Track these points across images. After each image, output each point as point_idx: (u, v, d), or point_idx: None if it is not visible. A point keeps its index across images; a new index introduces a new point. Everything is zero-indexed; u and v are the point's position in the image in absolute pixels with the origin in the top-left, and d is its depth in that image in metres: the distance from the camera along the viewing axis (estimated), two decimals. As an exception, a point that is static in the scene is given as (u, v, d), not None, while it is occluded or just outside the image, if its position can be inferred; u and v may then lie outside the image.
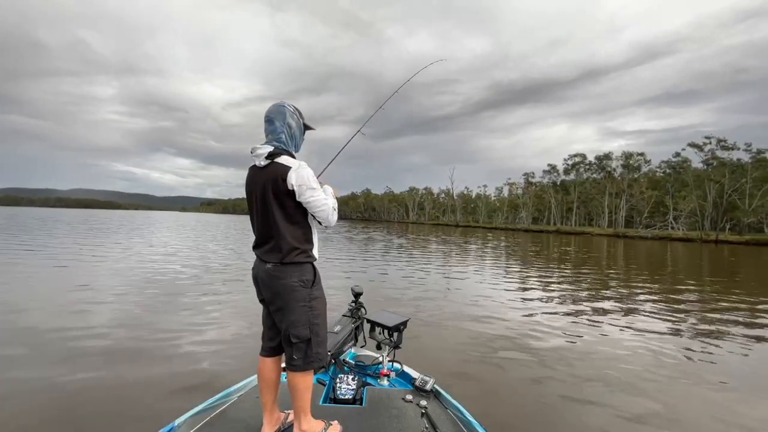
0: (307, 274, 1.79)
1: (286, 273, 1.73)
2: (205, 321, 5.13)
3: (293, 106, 1.87)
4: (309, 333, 1.76)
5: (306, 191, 1.71)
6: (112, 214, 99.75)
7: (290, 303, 1.73)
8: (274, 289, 1.75)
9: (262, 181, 1.75)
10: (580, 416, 2.96)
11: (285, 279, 1.73)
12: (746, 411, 3.15)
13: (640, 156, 64.71)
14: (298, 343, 1.74)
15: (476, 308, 6.40)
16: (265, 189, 1.73)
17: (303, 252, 1.78)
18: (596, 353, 4.40)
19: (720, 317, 6.39)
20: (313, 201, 1.74)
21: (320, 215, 1.79)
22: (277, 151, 1.75)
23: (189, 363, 3.72)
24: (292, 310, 1.74)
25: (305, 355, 1.75)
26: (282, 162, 1.73)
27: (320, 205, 1.76)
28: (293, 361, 1.75)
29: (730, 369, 4.07)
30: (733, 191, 49.53)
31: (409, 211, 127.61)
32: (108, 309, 5.53)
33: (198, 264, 10.70)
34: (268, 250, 1.77)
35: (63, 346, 4.05)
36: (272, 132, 1.82)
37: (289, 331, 1.74)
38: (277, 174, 1.71)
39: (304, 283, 1.76)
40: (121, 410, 2.81)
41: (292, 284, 1.73)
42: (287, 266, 1.74)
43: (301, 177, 1.70)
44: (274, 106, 1.86)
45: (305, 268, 1.78)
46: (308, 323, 1.76)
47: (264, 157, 1.74)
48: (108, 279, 7.90)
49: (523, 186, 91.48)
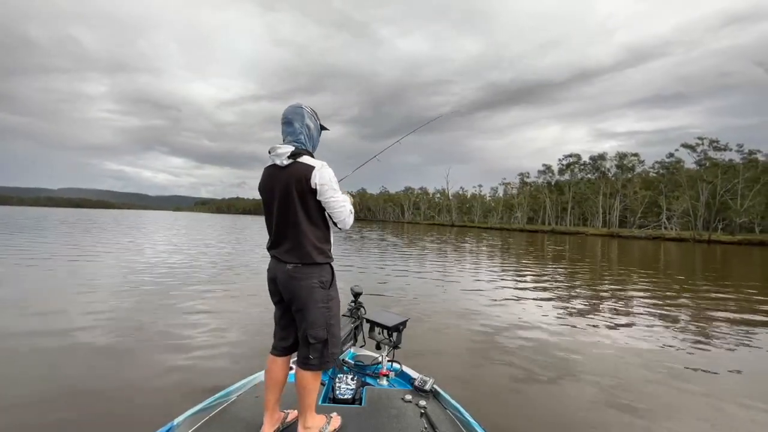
0: (326, 275, 1.80)
1: (307, 274, 1.74)
2: (205, 321, 5.09)
3: (310, 108, 1.88)
4: (326, 334, 1.77)
5: (327, 191, 1.73)
6: (105, 213, 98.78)
7: (309, 304, 1.74)
8: (293, 291, 1.75)
9: (284, 180, 1.74)
10: (581, 416, 2.96)
11: (305, 280, 1.73)
12: (741, 411, 3.19)
13: (634, 156, 65.37)
14: (315, 343, 1.75)
15: (476, 308, 6.41)
16: (288, 188, 1.72)
17: (323, 252, 1.79)
18: (596, 353, 4.42)
19: (724, 315, 6.47)
20: (333, 201, 1.76)
21: (337, 216, 1.81)
22: (299, 151, 1.75)
23: (188, 363, 3.69)
24: (310, 311, 1.74)
25: (321, 355, 1.76)
26: (305, 161, 1.74)
27: (339, 207, 1.78)
28: (309, 361, 1.75)
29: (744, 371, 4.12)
30: (725, 192, 50.09)
31: (405, 211, 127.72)
32: (106, 310, 5.46)
33: (197, 264, 10.63)
34: (287, 250, 1.76)
35: (58, 346, 4.00)
36: (291, 133, 1.82)
37: (307, 331, 1.75)
38: (301, 173, 1.71)
39: (323, 284, 1.77)
40: (119, 411, 2.79)
41: (312, 285, 1.73)
42: (308, 267, 1.74)
43: (324, 176, 1.71)
44: (291, 107, 1.85)
45: (324, 269, 1.80)
46: (325, 324, 1.77)
47: (286, 157, 1.73)
48: (104, 279, 7.83)
49: (518, 186, 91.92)
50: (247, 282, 8.21)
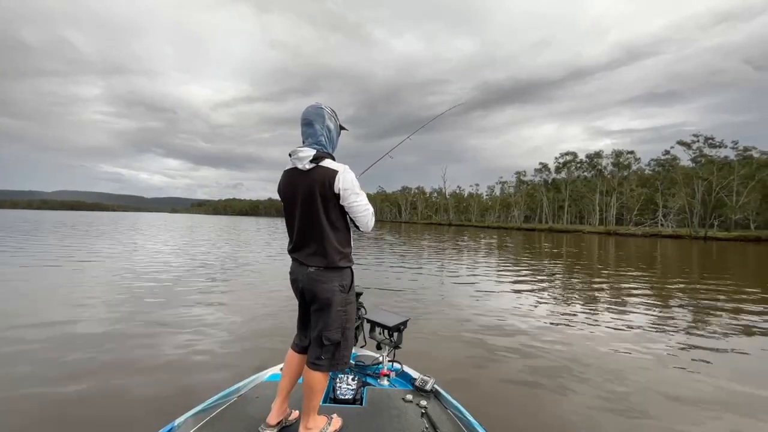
0: (347, 279, 1.82)
1: (329, 278, 1.76)
2: (204, 321, 5.07)
3: (330, 108, 1.87)
4: (340, 337, 1.79)
5: (350, 195, 1.73)
6: (101, 215, 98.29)
7: (329, 307, 1.76)
8: (315, 293, 1.77)
9: (307, 184, 1.73)
10: (581, 416, 2.97)
11: (327, 283, 1.75)
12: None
13: (630, 154, 65.59)
14: (328, 345, 1.77)
15: (476, 308, 6.41)
16: (312, 193, 1.72)
17: (345, 257, 1.81)
18: (597, 353, 4.42)
19: (721, 309, 6.50)
20: (356, 206, 1.76)
21: (360, 220, 1.82)
22: (321, 155, 1.74)
23: (188, 363, 3.68)
24: (328, 314, 1.77)
25: (332, 356, 1.79)
26: (327, 165, 1.73)
27: (362, 211, 1.79)
28: (319, 361, 1.78)
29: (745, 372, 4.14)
30: (720, 188, 50.37)
31: (402, 211, 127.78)
32: (104, 310, 5.44)
33: (195, 264, 10.60)
34: (310, 253, 1.77)
35: (56, 347, 3.98)
36: (312, 135, 1.81)
37: (323, 333, 1.77)
38: (325, 178, 1.70)
39: (343, 287, 1.79)
40: (119, 412, 2.79)
41: (333, 288, 1.75)
42: (330, 271, 1.76)
43: (347, 181, 1.72)
44: (311, 107, 1.83)
45: (345, 273, 1.82)
46: (341, 327, 1.80)
47: (308, 161, 1.72)
48: (103, 280, 7.80)
49: (515, 184, 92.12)
50: (250, 283, 8.19)
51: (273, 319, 5.31)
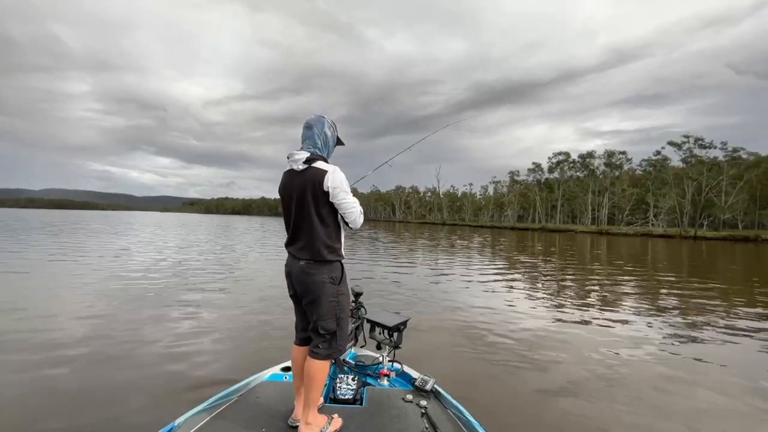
0: (336, 272, 1.94)
1: (318, 270, 1.89)
2: (204, 321, 5.04)
3: (332, 120, 2.07)
4: (335, 326, 1.93)
5: (339, 193, 1.87)
6: (89, 214, 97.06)
7: (320, 298, 1.89)
8: (306, 285, 1.91)
9: (300, 183, 1.89)
10: (581, 416, 2.98)
11: (317, 275, 1.88)
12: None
13: (621, 154, 66.29)
14: (325, 334, 1.91)
15: (476, 308, 6.42)
16: (304, 191, 1.88)
17: (334, 251, 1.93)
18: (597, 353, 4.43)
19: (711, 306, 6.61)
20: (344, 203, 1.90)
21: (349, 217, 1.95)
22: (313, 157, 1.91)
23: (188, 364, 3.66)
24: (321, 304, 1.89)
25: (329, 345, 1.92)
26: (319, 166, 1.88)
27: (350, 208, 1.92)
28: (318, 350, 1.91)
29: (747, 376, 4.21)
30: (710, 189, 51.16)
31: (396, 210, 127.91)
32: (101, 310, 5.38)
33: (195, 264, 10.52)
34: (301, 247, 1.92)
35: (54, 348, 3.92)
36: (309, 138, 1.98)
37: (318, 323, 1.90)
38: (316, 177, 1.86)
39: (333, 279, 1.92)
40: (120, 412, 2.77)
41: (323, 280, 1.88)
42: (319, 263, 1.89)
43: (336, 180, 1.86)
44: (315, 115, 2.03)
45: (334, 266, 1.94)
46: (335, 317, 1.93)
47: (302, 162, 1.88)
48: (99, 280, 7.71)
49: (509, 184, 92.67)
50: (249, 282, 8.15)
51: (273, 319, 5.29)
